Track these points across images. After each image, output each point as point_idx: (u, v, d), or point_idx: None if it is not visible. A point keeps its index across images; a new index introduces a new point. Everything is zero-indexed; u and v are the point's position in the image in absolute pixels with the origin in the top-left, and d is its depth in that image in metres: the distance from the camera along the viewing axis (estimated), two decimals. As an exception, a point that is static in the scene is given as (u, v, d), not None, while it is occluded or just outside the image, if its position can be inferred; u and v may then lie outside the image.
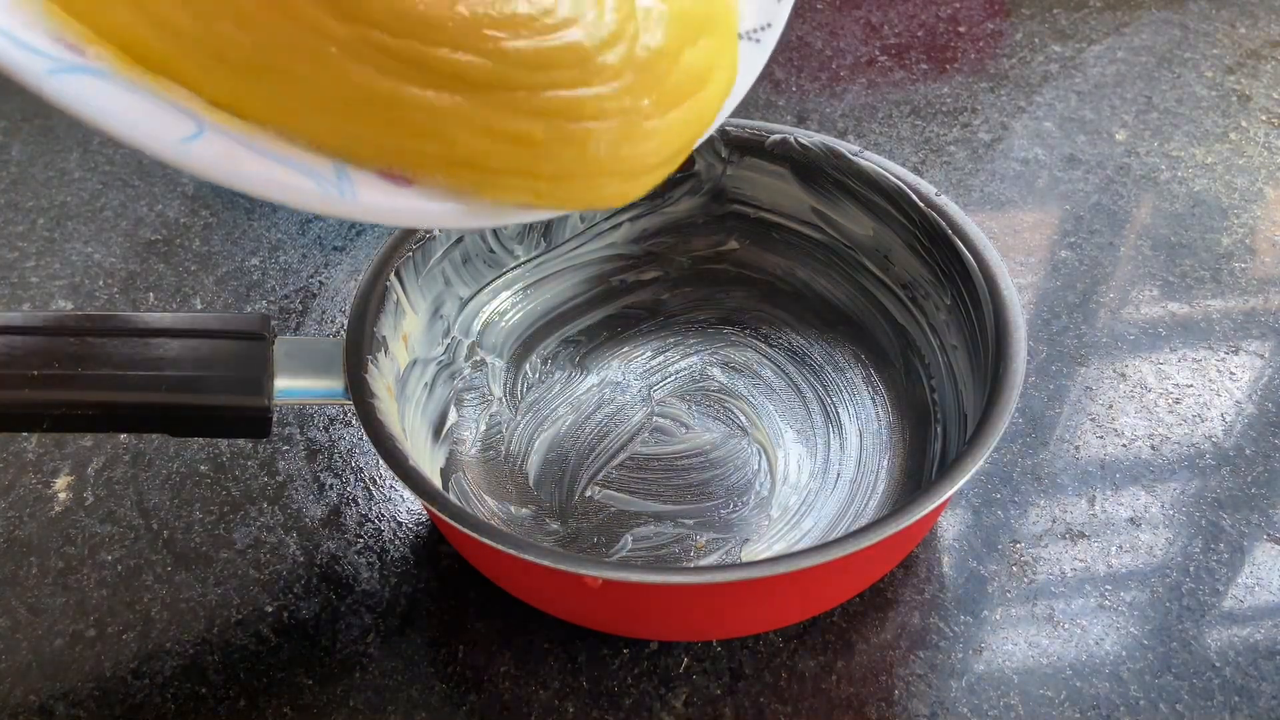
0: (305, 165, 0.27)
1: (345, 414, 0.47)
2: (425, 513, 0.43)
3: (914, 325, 0.46)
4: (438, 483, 0.39)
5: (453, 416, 0.45)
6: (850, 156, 0.45)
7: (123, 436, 0.46)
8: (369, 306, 0.40)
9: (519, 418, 0.46)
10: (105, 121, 0.24)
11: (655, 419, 0.46)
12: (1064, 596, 0.40)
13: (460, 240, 0.45)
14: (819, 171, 0.46)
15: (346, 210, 0.27)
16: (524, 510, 0.43)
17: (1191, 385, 0.48)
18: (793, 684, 0.38)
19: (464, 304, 0.47)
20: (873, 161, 0.44)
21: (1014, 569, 0.41)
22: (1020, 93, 0.64)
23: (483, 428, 0.46)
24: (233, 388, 0.36)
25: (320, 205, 0.27)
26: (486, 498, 0.43)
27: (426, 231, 0.43)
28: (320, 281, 0.54)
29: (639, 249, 0.51)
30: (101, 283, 0.54)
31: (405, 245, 0.42)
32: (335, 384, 0.38)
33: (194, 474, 0.45)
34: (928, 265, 0.44)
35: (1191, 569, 0.41)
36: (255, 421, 0.37)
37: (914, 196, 0.43)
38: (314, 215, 0.27)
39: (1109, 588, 0.40)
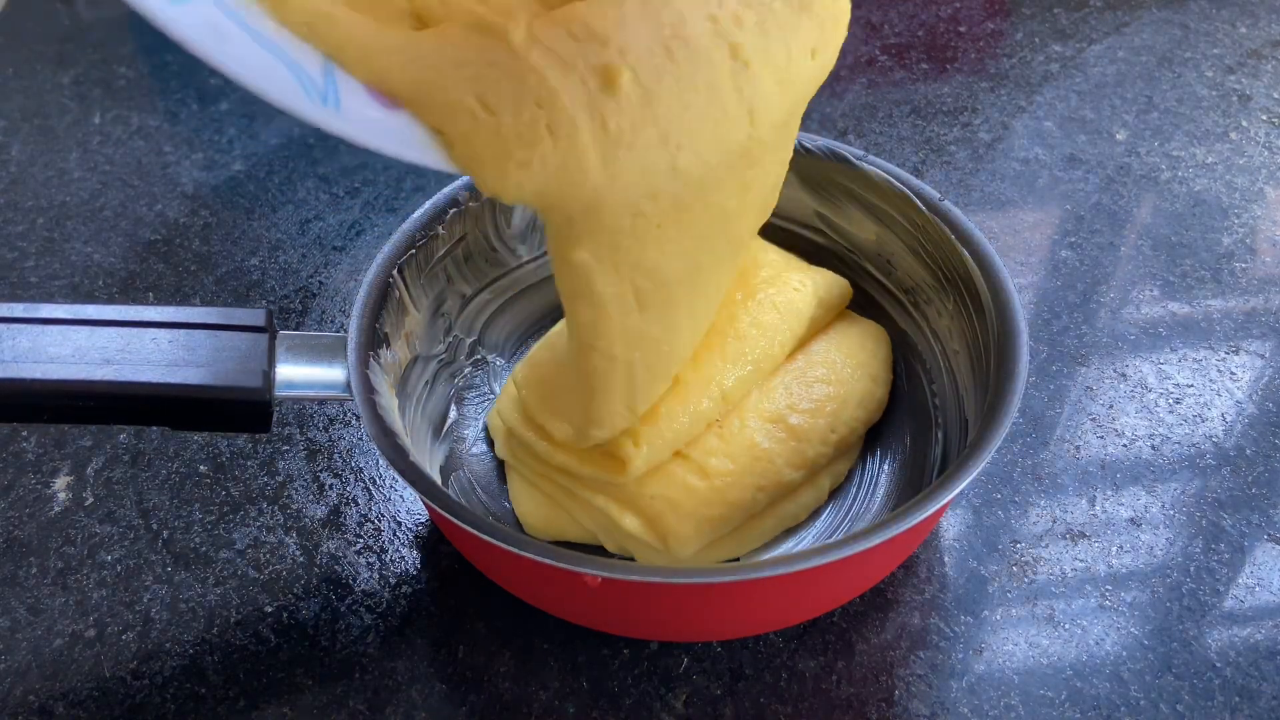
0: (293, 58, 0.25)
1: (345, 413, 0.47)
2: (425, 513, 0.43)
3: (915, 330, 0.46)
4: (438, 480, 0.39)
5: (453, 414, 0.45)
6: (855, 161, 0.45)
7: (122, 436, 0.46)
8: (371, 303, 0.40)
9: (519, 417, 0.46)
10: None
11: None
12: (1064, 597, 0.40)
13: (463, 238, 0.45)
14: (823, 175, 0.46)
15: (325, 119, 0.25)
16: (524, 510, 0.43)
17: (1192, 385, 0.48)
18: (793, 684, 0.38)
19: (466, 302, 0.47)
20: (877, 166, 0.44)
21: (1014, 569, 0.41)
22: (1021, 92, 0.64)
23: (483, 426, 0.46)
24: (235, 380, 0.36)
25: (299, 105, 0.25)
26: (486, 496, 0.43)
27: (430, 230, 0.43)
28: (320, 281, 0.54)
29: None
30: (101, 283, 0.54)
31: (408, 242, 0.42)
32: (337, 379, 0.38)
33: (194, 474, 0.45)
34: (930, 270, 0.44)
35: (1192, 569, 0.41)
36: (257, 415, 0.37)
37: (918, 202, 0.43)
38: (291, 115, 0.25)
39: (1109, 588, 0.40)
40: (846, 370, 0.43)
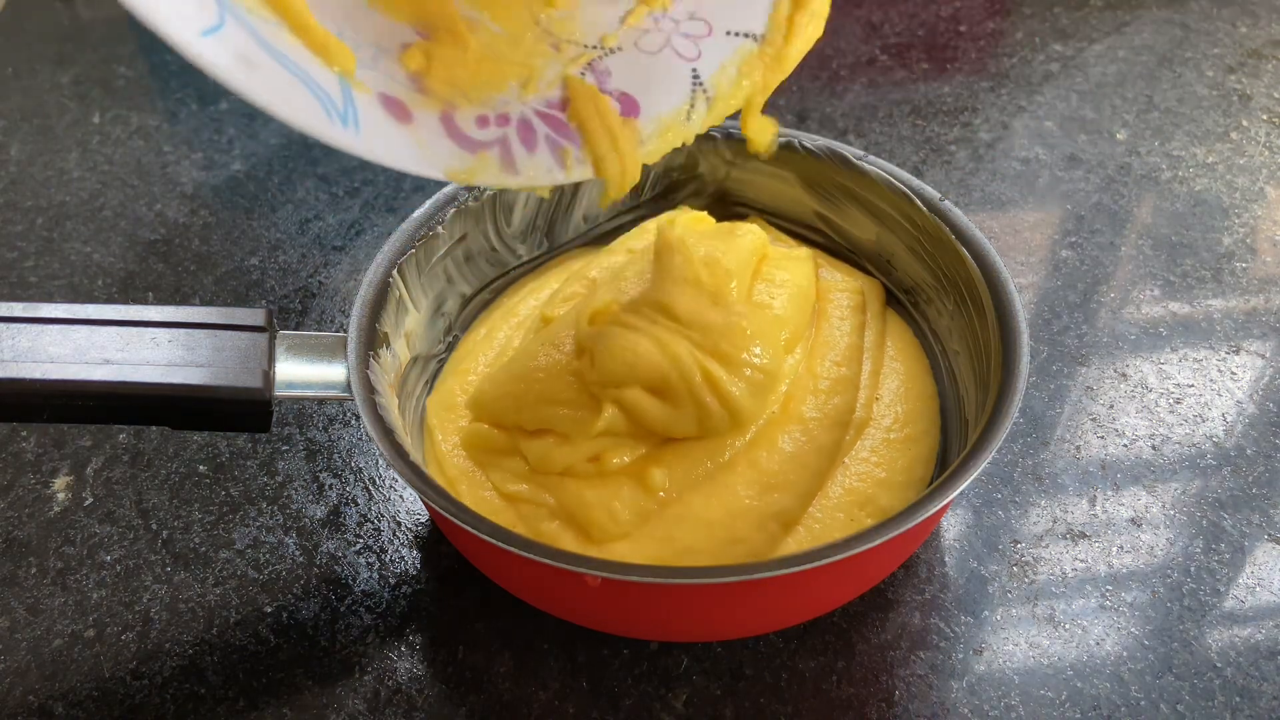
0: (313, 77, 0.26)
1: (344, 414, 0.47)
2: (425, 513, 0.43)
3: (915, 330, 0.46)
4: (438, 480, 0.39)
5: (453, 416, 0.45)
6: (855, 161, 0.45)
7: (122, 436, 0.46)
8: (371, 303, 0.40)
9: (519, 417, 0.46)
10: None
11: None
12: (1065, 597, 0.40)
13: (463, 238, 0.45)
14: (823, 175, 0.46)
15: (347, 141, 0.26)
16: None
17: (1193, 385, 0.48)
18: (793, 684, 0.38)
19: (466, 301, 0.47)
20: (877, 166, 0.44)
21: (1015, 569, 0.41)
22: (1021, 92, 0.64)
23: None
24: (235, 380, 0.36)
25: (322, 128, 0.26)
26: (486, 497, 0.43)
27: (430, 229, 0.43)
28: (320, 281, 0.54)
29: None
30: (100, 282, 0.54)
31: (408, 242, 0.42)
32: (337, 379, 0.38)
33: (193, 474, 0.45)
34: (930, 270, 0.44)
35: (1192, 569, 0.41)
36: (257, 415, 0.37)
37: (918, 202, 0.43)
38: (318, 140, 0.26)
39: (1110, 588, 0.40)
40: (927, 416, 0.41)
